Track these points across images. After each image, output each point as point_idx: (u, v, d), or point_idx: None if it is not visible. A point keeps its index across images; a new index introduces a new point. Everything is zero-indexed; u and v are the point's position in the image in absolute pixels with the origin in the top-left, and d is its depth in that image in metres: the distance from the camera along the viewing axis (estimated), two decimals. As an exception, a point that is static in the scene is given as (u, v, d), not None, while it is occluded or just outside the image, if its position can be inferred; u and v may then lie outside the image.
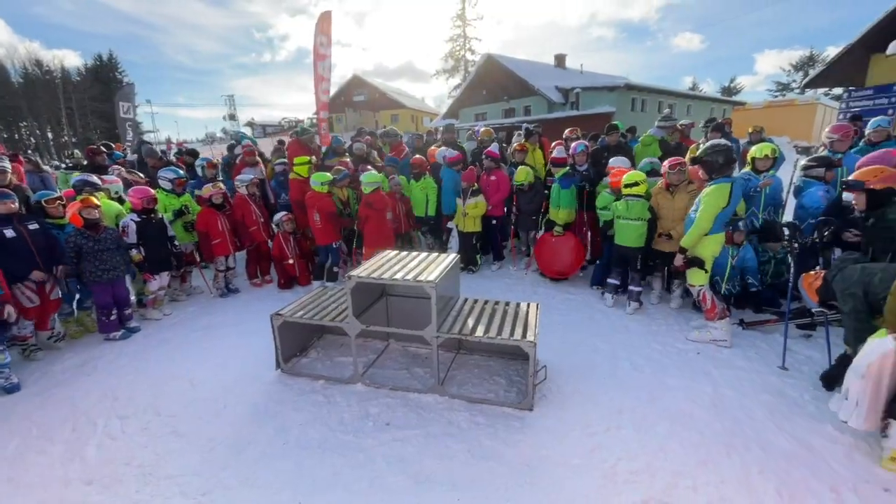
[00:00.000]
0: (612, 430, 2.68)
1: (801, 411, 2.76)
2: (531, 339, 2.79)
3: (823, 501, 2.10)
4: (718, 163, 3.53)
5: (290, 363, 3.56)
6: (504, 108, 25.69)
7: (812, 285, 2.80)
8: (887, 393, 2.25)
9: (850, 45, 11.36)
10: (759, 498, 2.13)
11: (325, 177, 5.15)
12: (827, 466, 2.30)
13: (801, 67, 40.70)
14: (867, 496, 2.11)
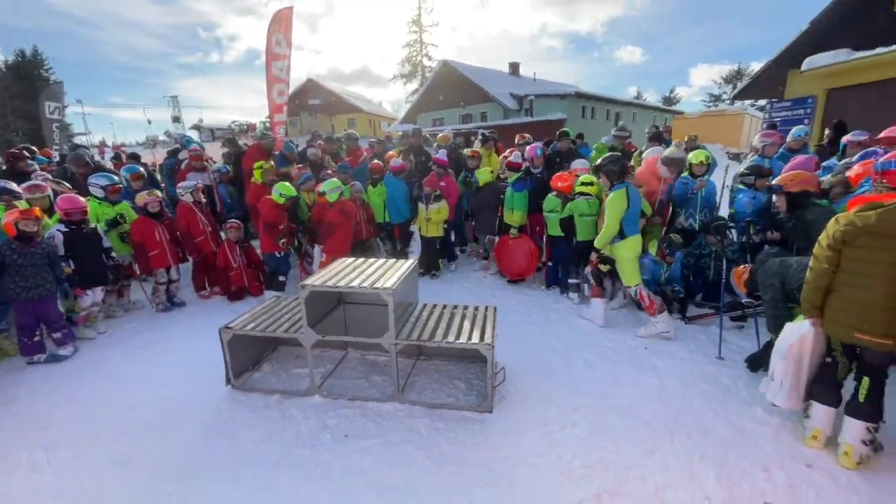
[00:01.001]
0: (568, 427, 2.77)
1: (735, 397, 2.99)
2: (489, 342, 2.84)
3: (756, 481, 2.28)
4: (615, 171, 3.95)
5: (242, 378, 3.40)
6: (461, 114, 26.05)
7: (741, 278, 3.08)
8: (808, 373, 2.49)
9: (770, 61, 12.52)
10: (700, 482, 2.28)
11: (288, 189, 4.97)
12: (758, 448, 2.51)
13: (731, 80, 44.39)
14: (793, 473, 2.31)
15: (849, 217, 2.18)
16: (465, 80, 24.84)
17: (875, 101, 10.02)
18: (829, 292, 2.29)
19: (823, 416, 2.42)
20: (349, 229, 5.18)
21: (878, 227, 2.07)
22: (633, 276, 3.95)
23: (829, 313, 2.31)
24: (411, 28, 42.54)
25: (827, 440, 2.44)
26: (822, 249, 2.27)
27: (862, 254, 2.14)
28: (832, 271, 2.25)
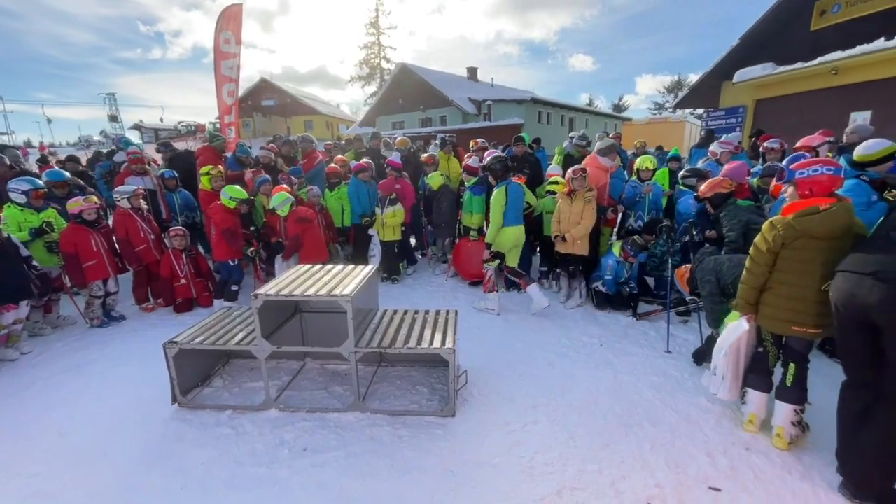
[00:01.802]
0: (529, 425, 2.83)
1: (682, 388, 3.17)
2: (450, 347, 2.84)
3: (701, 465, 2.42)
4: (498, 170, 4.42)
5: (191, 395, 3.19)
6: (421, 118, 26.09)
7: (683, 277, 3.29)
8: (744, 366, 2.69)
9: (705, 73, 13.51)
10: (651, 470, 2.39)
11: (237, 192, 4.74)
12: (703, 434, 2.67)
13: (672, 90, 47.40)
14: (734, 456, 2.48)
15: (787, 222, 2.33)
16: (424, 84, 24.91)
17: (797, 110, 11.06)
18: (765, 291, 2.48)
19: (758, 401, 2.62)
20: (317, 233, 5.03)
21: (816, 230, 2.24)
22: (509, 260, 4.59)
23: (766, 309, 2.49)
24: (369, 30, 42.16)
25: (762, 424, 2.64)
26: (761, 253, 2.43)
27: (798, 254, 2.31)
28: (769, 272, 2.44)
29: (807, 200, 2.36)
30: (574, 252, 4.61)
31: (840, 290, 2.06)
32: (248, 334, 3.15)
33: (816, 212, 2.28)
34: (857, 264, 2.03)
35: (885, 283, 1.87)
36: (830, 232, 2.25)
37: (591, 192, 4.51)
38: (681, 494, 2.23)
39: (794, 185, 2.41)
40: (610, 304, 4.65)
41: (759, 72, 11.41)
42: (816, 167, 2.33)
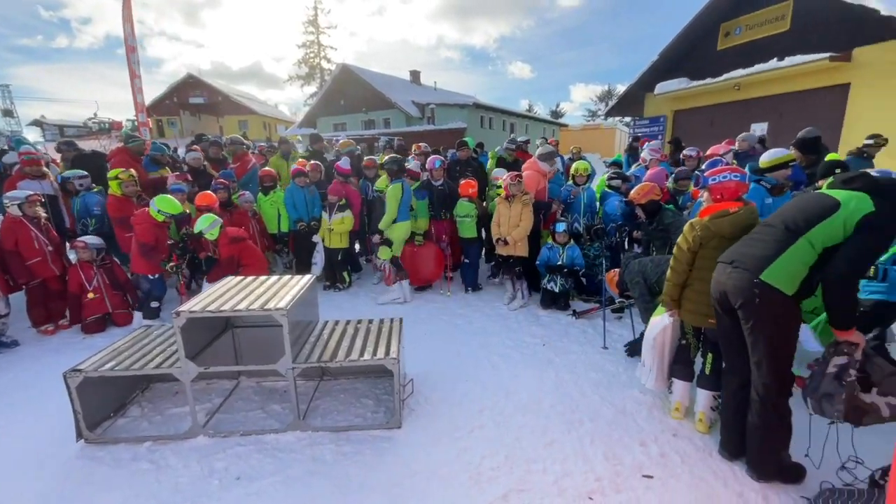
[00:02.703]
0: (476, 430, 2.83)
1: (617, 381, 3.35)
2: (394, 357, 2.77)
3: (636, 455, 2.56)
4: (394, 170, 4.90)
5: (101, 429, 2.83)
6: (364, 120, 25.64)
7: (612, 280, 3.50)
8: (669, 358, 2.89)
9: (630, 85, 14.61)
10: (591, 464, 2.49)
11: (170, 205, 4.29)
12: (636, 424, 2.83)
13: (603, 99, 50.75)
14: (663, 443, 2.65)
15: (703, 223, 2.56)
16: (366, 86, 24.51)
17: (708, 120, 12.27)
18: (685, 287, 2.69)
19: (682, 390, 2.84)
20: (252, 250, 4.68)
21: (726, 231, 2.47)
22: (386, 253, 4.96)
23: (687, 304, 2.70)
24: (307, 28, 40.71)
25: (686, 411, 2.86)
26: (683, 253, 2.64)
27: (713, 253, 2.50)
28: (688, 270, 2.65)
29: (719, 204, 2.59)
30: (515, 254, 4.74)
31: (714, 278, 2.31)
32: (170, 355, 2.86)
33: (727, 214, 2.52)
34: (726, 255, 2.28)
35: (737, 270, 2.11)
36: (739, 231, 2.48)
37: (527, 196, 4.66)
38: (618, 485, 2.34)
39: (708, 190, 2.64)
40: (554, 303, 4.82)
41: (676, 85, 12.53)
42: (726, 174, 2.57)
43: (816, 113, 9.56)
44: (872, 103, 8.73)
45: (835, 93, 9.38)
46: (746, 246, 2.23)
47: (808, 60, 9.25)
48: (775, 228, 2.14)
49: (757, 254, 2.11)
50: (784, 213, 2.20)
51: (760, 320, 2.08)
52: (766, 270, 2.02)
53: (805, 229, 2.01)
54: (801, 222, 2.04)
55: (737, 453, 2.42)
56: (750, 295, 2.05)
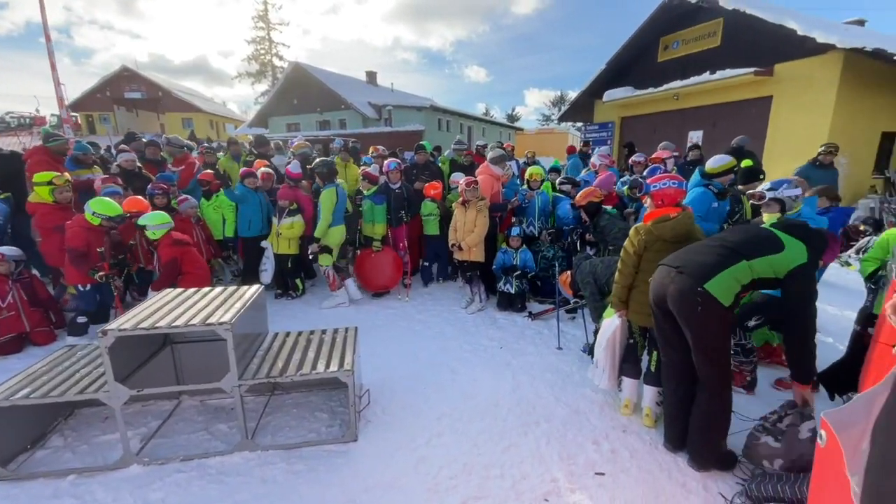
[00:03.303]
0: (434, 439, 2.80)
1: (571, 381, 3.45)
2: (348, 368, 2.68)
3: (589, 453, 2.64)
4: (325, 173, 4.85)
5: (15, 463, 2.53)
6: (318, 120, 24.95)
7: (565, 281, 3.61)
8: (620, 357, 3.01)
9: (581, 92, 15.24)
10: (547, 466, 2.54)
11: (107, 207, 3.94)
12: (589, 423, 2.93)
13: (557, 104, 52.64)
14: (614, 440, 2.75)
15: (647, 228, 2.71)
16: (320, 86, 23.86)
17: (651, 127, 13.02)
18: (632, 289, 2.82)
19: (630, 387, 2.97)
20: (195, 257, 4.36)
21: (667, 235, 2.63)
22: (328, 259, 4.91)
23: (634, 305, 2.84)
24: (257, 24, 39.02)
25: (634, 407, 2.99)
26: (629, 256, 2.78)
27: (656, 256, 2.65)
28: (635, 272, 2.78)
29: (660, 209, 2.74)
30: (470, 259, 4.77)
31: (654, 279, 2.43)
32: (97, 378, 2.61)
33: (668, 219, 2.66)
34: (672, 259, 2.41)
35: (682, 276, 2.24)
36: (678, 236, 2.64)
37: (482, 202, 4.71)
38: (572, 484, 2.40)
39: (650, 196, 2.78)
40: (511, 305, 4.90)
41: (622, 94, 13.22)
42: (665, 181, 2.72)
43: (745, 122, 10.41)
44: (791, 114, 9.64)
45: (760, 104, 10.27)
46: (693, 254, 2.36)
47: (736, 74, 10.07)
48: (723, 247, 2.28)
49: (702, 263, 2.24)
50: (734, 237, 2.37)
51: (699, 325, 2.22)
52: (710, 281, 2.15)
53: (749, 256, 2.19)
54: (749, 249, 2.22)
55: (679, 445, 2.56)
56: (692, 301, 2.17)
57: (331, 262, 5.02)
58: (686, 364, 2.38)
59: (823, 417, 1.15)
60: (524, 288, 4.90)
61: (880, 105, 9.19)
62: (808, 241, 2.21)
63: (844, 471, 1.02)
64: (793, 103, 9.57)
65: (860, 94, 8.87)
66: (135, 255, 4.48)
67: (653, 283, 2.43)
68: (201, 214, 5.08)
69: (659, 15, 12.01)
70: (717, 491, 2.32)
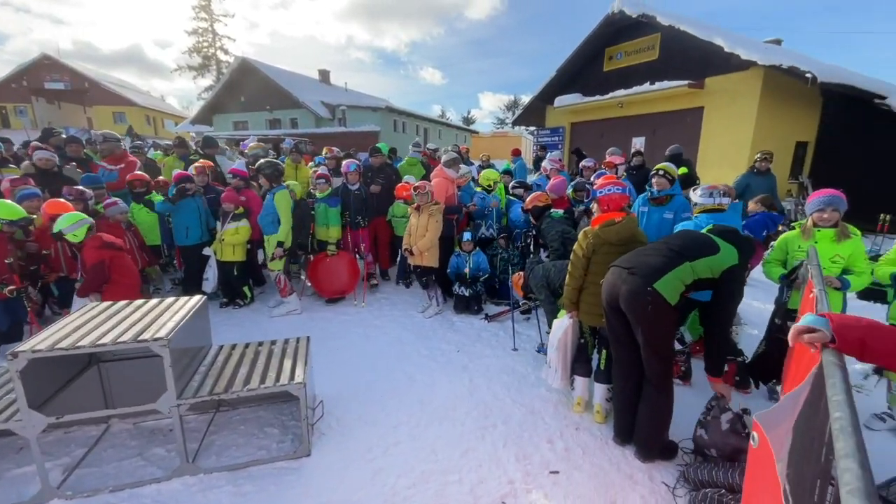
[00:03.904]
0: (391, 447, 2.75)
1: (527, 382, 3.52)
2: (300, 381, 2.57)
3: (544, 452, 2.71)
4: (271, 174, 4.79)
5: None
6: (268, 119, 23.92)
7: (518, 283, 3.69)
8: (571, 357, 3.12)
9: (533, 97, 15.71)
10: (504, 468, 2.57)
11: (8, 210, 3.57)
12: (544, 423, 3.00)
13: (511, 108, 53.97)
14: (568, 438, 2.84)
15: (595, 232, 2.82)
16: (269, 83, 22.90)
17: (599, 133, 13.67)
18: (582, 290, 2.93)
19: (582, 385, 3.08)
20: (126, 264, 3.98)
21: (613, 239, 2.76)
22: (279, 264, 4.75)
23: (584, 306, 2.95)
24: (198, 14, 36.77)
25: (586, 404, 3.10)
26: (579, 258, 2.88)
27: (604, 258, 2.78)
28: (584, 274, 2.88)
29: (607, 214, 2.86)
30: (423, 264, 4.76)
31: (607, 280, 2.55)
32: (10, 404, 2.32)
33: (614, 223, 2.79)
34: (623, 261, 2.54)
35: (633, 277, 2.36)
36: (623, 239, 2.77)
37: (435, 206, 4.72)
38: (528, 485, 2.44)
39: (597, 201, 2.90)
40: (467, 308, 4.93)
41: (571, 100, 13.77)
42: (610, 187, 2.85)
43: (682, 130, 11.20)
44: (720, 124, 10.48)
45: (693, 114, 11.09)
46: (642, 256, 2.48)
47: (672, 86, 10.81)
48: (669, 249, 2.44)
49: (652, 264, 2.37)
50: (677, 241, 2.53)
51: (649, 323, 2.34)
52: (659, 281, 2.29)
53: (691, 258, 2.35)
54: (691, 251, 2.39)
55: (627, 438, 2.68)
56: (644, 300, 2.29)
57: (281, 266, 4.83)
58: (634, 361, 2.51)
59: (755, 419, 1.25)
60: (479, 291, 4.96)
61: (794, 116, 10.23)
62: (739, 246, 2.42)
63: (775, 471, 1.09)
64: (721, 114, 10.42)
65: (778, 107, 9.82)
66: (52, 264, 4.04)
67: (605, 283, 2.53)
68: (132, 219, 4.68)
69: (603, 27, 12.63)
70: (660, 480, 2.46)
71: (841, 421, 0.68)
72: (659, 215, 3.83)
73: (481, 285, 4.99)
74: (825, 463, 0.72)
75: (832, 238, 2.78)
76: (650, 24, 11.36)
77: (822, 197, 2.78)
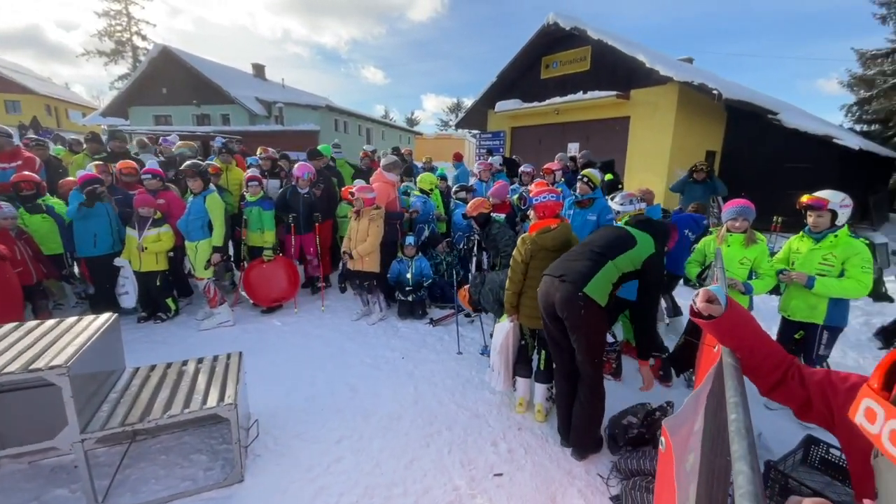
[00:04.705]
0: (333, 464, 2.65)
1: (471, 385, 3.57)
2: (230, 402, 2.39)
3: (488, 456, 2.75)
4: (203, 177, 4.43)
5: None
6: (196, 114, 22.14)
7: (464, 297, 3.75)
8: (513, 359, 3.20)
9: (475, 101, 16.02)
10: (449, 475, 2.57)
11: None
12: (488, 425, 3.05)
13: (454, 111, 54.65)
14: (511, 439, 2.91)
15: (532, 238, 2.92)
16: (196, 75, 21.20)
17: (537, 138, 14.24)
18: (522, 294, 3.01)
19: (523, 386, 3.17)
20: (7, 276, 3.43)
21: (549, 244, 2.87)
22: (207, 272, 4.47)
23: (523, 309, 3.03)
24: (110, -6, 33.07)
25: (528, 405, 3.20)
26: (518, 264, 2.96)
27: (541, 263, 2.87)
28: (523, 279, 2.97)
29: (543, 221, 2.98)
30: (363, 269, 4.66)
31: (541, 289, 2.65)
32: None
33: (549, 230, 2.91)
34: (554, 269, 2.65)
35: (565, 284, 2.48)
36: (558, 245, 2.90)
37: (377, 210, 4.65)
38: (473, 490, 2.46)
39: (533, 209, 3.01)
40: (412, 313, 4.89)
41: (511, 105, 14.22)
42: (545, 195, 2.96)
43: (612, 138, 12.00)
44: (644, 133, 11.38)
45: (621, 123, 11.92)
46: (570, 261, 2.59)
47: (602, 96, 11.56)
48: (591, 251, 2.56)
49: (580, 270, 2.48)
50: (598, 241, 2.66)
51: (583, 325, 2.46)
52: (588, 285, 2.41)
53: (613, 256, 2.50)
54: (611, 250, 2.53)
55: (566, 435, 2.80)
56: (577, 305, 2.41)
57: (211, 274, 4.48)
58: (571, 363, 2.63)
59: (664, 425, 1.35)
60: (423, 296, 4.95)
61: (705, 128, 11.38)
62: (653, 234, 2.61)
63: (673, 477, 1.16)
64: (645, 124, 11.31)
65: (691, 119, 10.86)
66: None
67: (540, 292, 2.62)
68: (24, 226, 4.09)
69: (540, 37, 13.19)
70: (595, 472, 2.59)
71: (736, 423, 0.74)
72: (583, 217, 4.13)
73: (425, 290, 4.98)
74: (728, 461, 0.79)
75: (742, 243, 3.11)
76: (582, 37, 12.04)
77: (735, 207, 3.12)
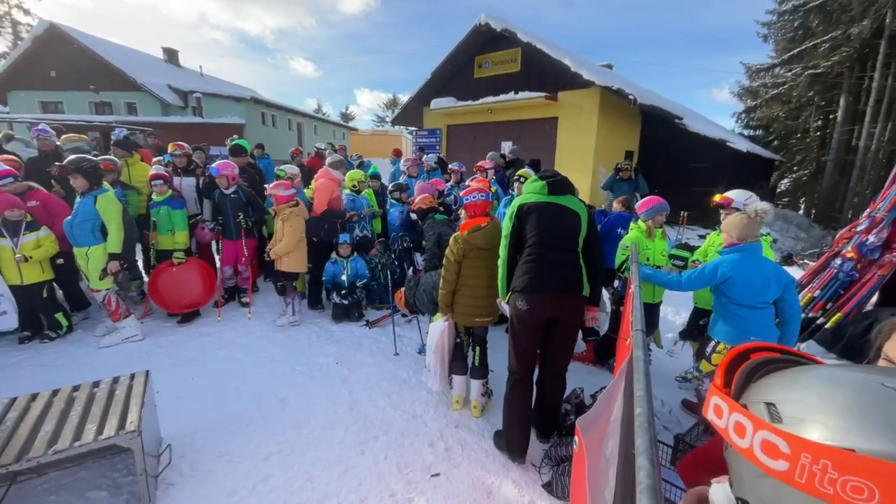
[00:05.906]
0: (260, 484, 2.47)
1: (408, 386, 3.52)
2: (132, 429, 2.12)
3: (426, 457, 2.73)
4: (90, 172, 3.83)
5: None
6: (94, 101, 19.61)
7: (401, 300, 3.70)
8: (449, 357, 3.21)
9: (410, 98, 15.91)
10: (385, 481, 2.51)
11: None
12: (425, 426, 3.03)
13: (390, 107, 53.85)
14: (448, 437, 2.91)
15: (463, 237, 2.92)
16: (94, 57, 18.76)
17: (472, 136, 14.48)
18: (456, 293, 3.02)
19: (460, 383, 3.20)
20: None
21: (481, 243, 2.89)
22: (106, 283, 3.96)
23: (458, 308, 3.04)
24: (-23, -42, 28.09)
25: (464, 401, 3.23)
26: (451, 263, 2.95)
27: (474, 262, 2.91)
28: (457, 278, 2.98)
29: (474, 220, 3.01)
30: (284, 269, 4.45)
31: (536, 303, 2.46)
32: None
33: (480, 229, 2.94)
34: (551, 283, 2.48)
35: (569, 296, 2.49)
36: (489, 243, 2.94)
37: (290, 209, 4.47)
38: (410, 493, 2.43)
39: (464, 208, 3.03)
40: (347, 315, 4.74)
41: (446, 103, 14.32)
42: (475, 194, 3.00)
43: (542, 137, 12.54)
44: (570, 133, 12.04)
45: (550, 123, 12.51)
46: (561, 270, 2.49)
47: (531, 97, 12.04)
48: (564, 252, 2.51)
49: (574, 279, 2.51)
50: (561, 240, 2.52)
51: (578, 320, 2.59)
52: (584, 289, 2.52)
53: (575, 244, 2.54)
54: (574, 241, 2.53)
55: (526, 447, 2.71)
56: (581, 312, 2.56)
57: (111, 283, 3.99)
58: (532, 364, 2.68)
59: (577, 424, 1.41)
60: (360, 297, 4.81)
61: (624, 129, 12.32)
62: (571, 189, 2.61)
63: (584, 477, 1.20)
64: (571, 124, 11.97)
65: (611, 121, 11.70)
66: None
67: (536, 306, 2.47)
68: None
69: (473, 36, 13.39)
70: (530, 462, 2.68)
71: (640, 417, 0.78)
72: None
73: (361, 291, 4.85)
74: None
75: (661, 236, 3.42)
76: (512, 38, 12.42)
77: (657, 205, 3.37)
